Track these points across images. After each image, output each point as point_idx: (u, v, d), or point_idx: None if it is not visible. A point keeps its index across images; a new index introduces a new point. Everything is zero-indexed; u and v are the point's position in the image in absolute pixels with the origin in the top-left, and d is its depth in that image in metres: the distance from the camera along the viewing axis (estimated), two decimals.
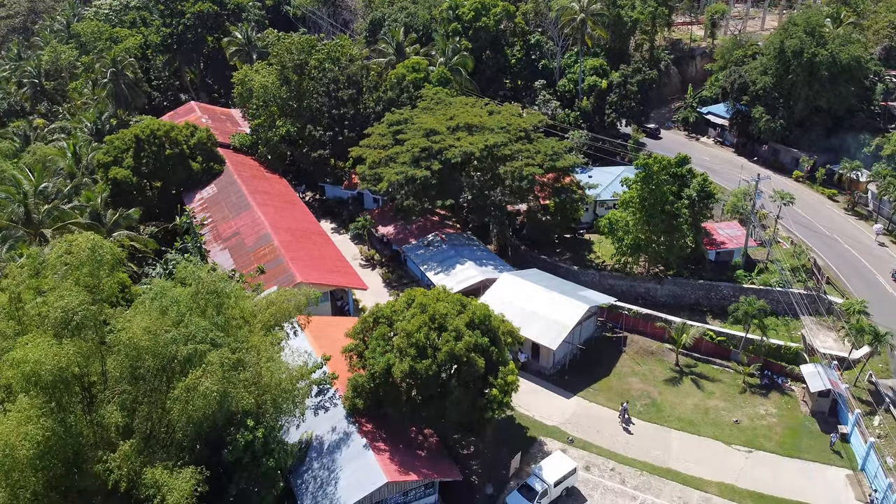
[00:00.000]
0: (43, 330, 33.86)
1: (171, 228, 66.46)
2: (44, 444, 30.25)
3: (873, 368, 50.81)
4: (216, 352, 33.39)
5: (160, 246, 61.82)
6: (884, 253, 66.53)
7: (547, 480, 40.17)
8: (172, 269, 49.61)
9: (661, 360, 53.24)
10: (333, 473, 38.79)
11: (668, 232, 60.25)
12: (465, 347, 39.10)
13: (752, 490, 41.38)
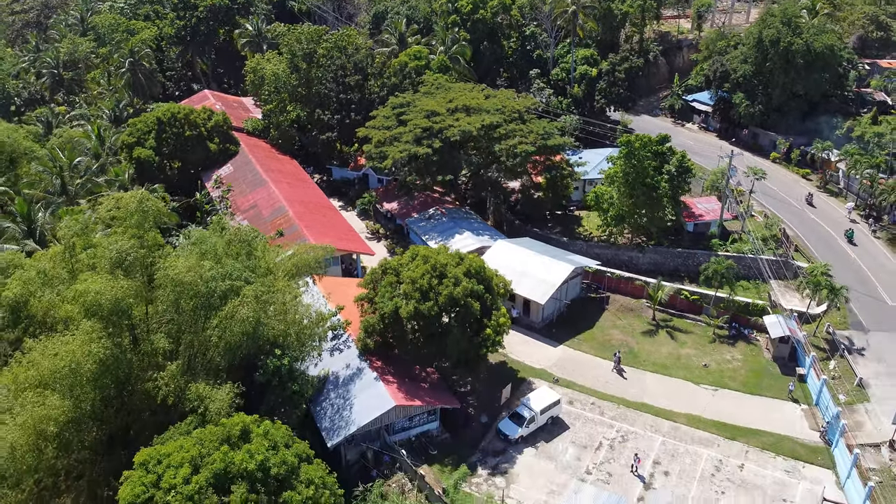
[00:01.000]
0: (97, 272, 39.44)
1: (192, 204, 72.04)
2: (103, 362, 35.83)
3: (832, 322, 56.42)
4: (250, 286, 39.01)
5: (181, 220, 67.36)
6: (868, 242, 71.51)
7: (534, 408, 45.82)
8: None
9: (639, 315, 58.90)
10: (348, 401, 44.42)
11: (648, 204, 65.80)
12: (463, 292, 44.73)
13: (716, 420, 47.04)
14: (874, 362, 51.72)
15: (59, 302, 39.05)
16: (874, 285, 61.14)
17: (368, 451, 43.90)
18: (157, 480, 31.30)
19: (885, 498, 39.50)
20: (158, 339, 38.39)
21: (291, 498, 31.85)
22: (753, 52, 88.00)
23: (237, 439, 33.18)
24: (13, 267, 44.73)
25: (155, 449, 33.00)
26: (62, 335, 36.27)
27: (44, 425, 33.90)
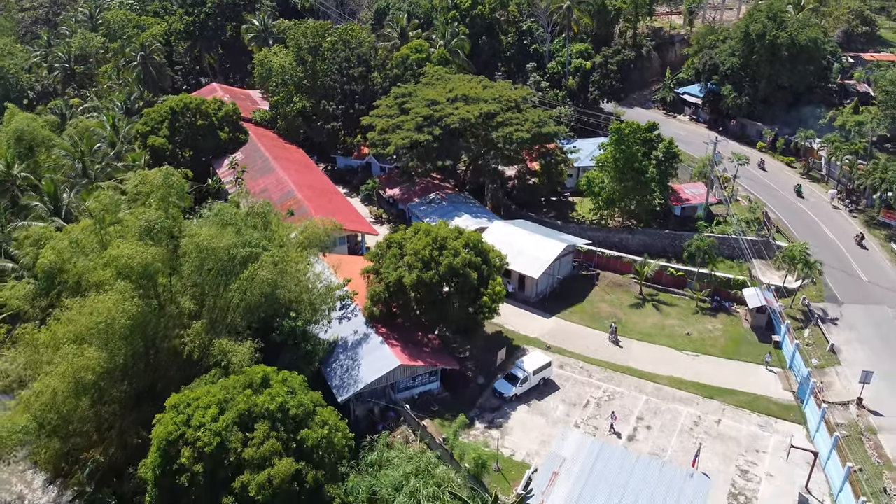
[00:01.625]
0: (126, 240, 43.12)
1: (205, 189, 75.70)
2: (135, 319, 39.52)
3: (809, 295, 60.14)
4: (267, 253, 42.72)
5: (193, 204, 71.07)
6: (836, 214, 75.32)
7: (527, 370, 49.54)
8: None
9: (627, 290, 62.62)
10: (356, 362, 48.10)
11: (637, 188, 69.53)
12: (462, 263, 48.45)
13: (696, 382, 50.75)
14: (846, 331, 55.44)
15: (93, 267, 42.69)
16: (850, 263, 64.82)
17: (375, 407, 47.60)
18: (187, 420, 34.96)
19: (849, 448, 43.15)
20: (184, 300, 42.10)
21: (308, 436, 35.57)
22: (741, 46, 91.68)
23: (258, 385, 36.85)
24: (45, 239, 48.61)
25: (184, 394, 36.71)
26: (97, 295, 39.94)
27: (82, 374, 37.56)
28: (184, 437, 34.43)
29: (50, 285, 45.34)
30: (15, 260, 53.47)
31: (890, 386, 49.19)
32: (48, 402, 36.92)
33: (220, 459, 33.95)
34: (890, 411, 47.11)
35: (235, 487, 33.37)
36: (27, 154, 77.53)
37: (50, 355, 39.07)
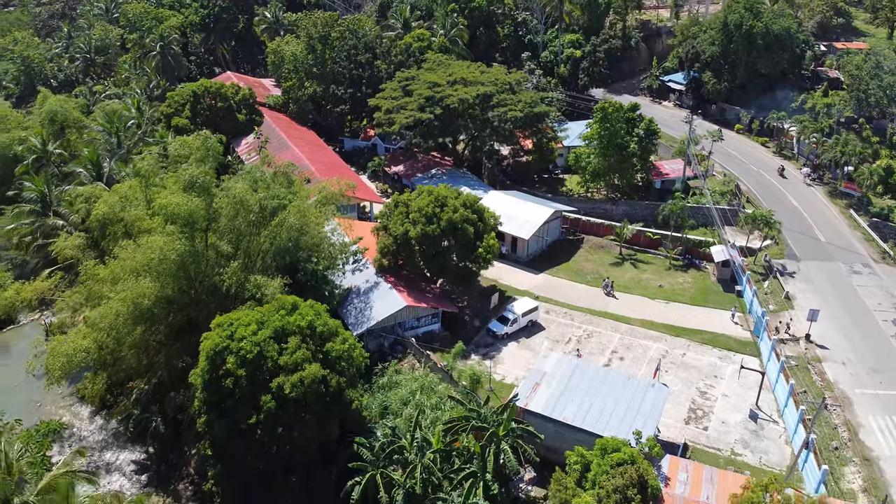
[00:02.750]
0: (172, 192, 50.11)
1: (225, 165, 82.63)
2: (182, 256, 46.50)
3: (771, 254, 67.12)
4: (293, 204, 49.73)
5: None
6: (803, 186, 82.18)
7: (516, 312, 56.54)
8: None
9: (608, 251, 69.65)
10: (368, 304, 55.10)
11: (620, 162, 76.52)
12: (460, 218, 55.44)
13: (665, 324, 57.71)
14: (802, 282, 62.42)
15: (142, 217, 49.67)
16: (811, 227, 71.81)
17: (385, 342, 54.56)
18: (231, 335, 41.91)
19: (794, 372, 50.05)
20: (222, 244, 49.07)
21: (332, 348, 42.58)
22: (720, 36, 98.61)
23: (289, 309, 43.81)
24: (94, 197, 55.69)
25: (227, 316, 43.69)
26: (149, 237, 46.93)
27: (139, 300, 44.58)
28: (228, 348, 41.36)
29: (102, 234, 52.32)
30: (65, 218, 60.49)
31: (836, 326, 56.16)
32: (111, 323, 43.91)
33: (259, 365, 40.92)
34: (834, 346, 54.06)
35: (273, 387, 40.34)
36: (59, 133, 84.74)
37: (109, 288, 46.01)
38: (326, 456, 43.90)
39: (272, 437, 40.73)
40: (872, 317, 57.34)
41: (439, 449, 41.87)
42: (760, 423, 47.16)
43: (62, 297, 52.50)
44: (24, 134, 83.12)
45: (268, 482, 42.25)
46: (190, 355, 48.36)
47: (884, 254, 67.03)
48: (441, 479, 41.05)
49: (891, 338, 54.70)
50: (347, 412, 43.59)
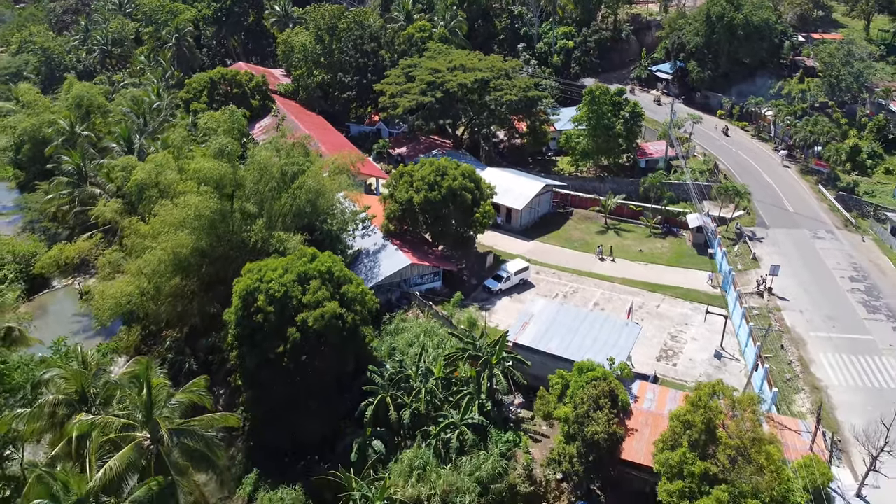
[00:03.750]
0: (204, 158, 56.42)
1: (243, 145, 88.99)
2: (214, 213, 52.77)
3: (742, 222, 73.45)
4: (311, 169, 56.06)
5: None
6: (776, 164, 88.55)
7: (510, 271, 62.90)
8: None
9: (595, 222, 76.07)
10: (376, 263, 61.43)
11: (607, 142, 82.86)
12: (459, 185, 61.79)
13: (643, 281, 64.06)
14: (769, 246, 68.73)
15: (177, 180, 55.99)
16: (781, 199, 78.16)
17: (392, 296, 60.86)
18: (260, 278, 48.15)
19: (754, 319, 56.34)
20: (248, 205, 55.38)
21: (348, 290, 48.85)
22: (703, 27, 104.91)
23: (310, 258, 50.11)
24: (130, 167, 61.99)
25: (256, 263, 49.98)
26: (185, 196, 53.24)
27: (179, 249, 50.92)
28: (258, 288, 47.61)
29: (139, 198, 58.65)
30: (101, 187, 66.85)
31: (797, 282, 62.42)
32: (153, 269, 50.24)
33: (285, 303, 47.17)
34: (794, 298, 60.31)
35: (297, 321, 46.59)
36: (85, 117, 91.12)
37: (150, 240, 52.34)
38: (342, 386, 50.10)
39: (297, 365, 47.02)
40: (831, 274, 63.70)
41: (440, 377, 48.27)
42: (724, 360, 53.48)
43: (103, 254, 58.69)
44: (52, 117, 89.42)
45: (292, 407, 48.51)
46: (220, 303, 54.61)
47: (846, 222, 73.39)
48: (442, 402, 47.43)
49: (846, 292, 61.06)
50: (361, 347, 49.87)
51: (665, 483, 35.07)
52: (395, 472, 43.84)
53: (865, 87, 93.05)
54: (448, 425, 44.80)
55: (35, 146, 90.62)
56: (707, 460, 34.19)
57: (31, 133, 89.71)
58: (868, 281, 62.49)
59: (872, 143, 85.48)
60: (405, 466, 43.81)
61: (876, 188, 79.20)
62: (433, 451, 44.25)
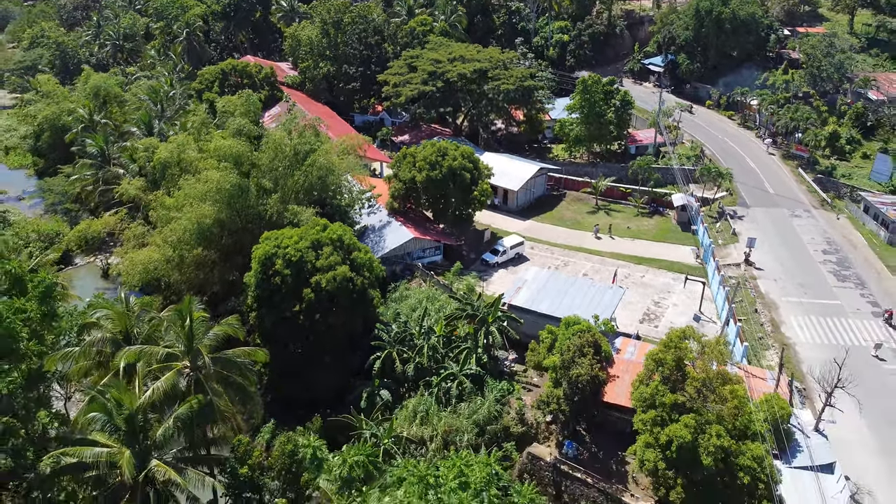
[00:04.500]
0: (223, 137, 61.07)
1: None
2: (234, 187, 57.38)
3: (725, 202, 78.14)
4: (322, 148, 60.73)
5: None
6: (759, 150, 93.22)
7: (506, 245, 67.59)
8: None
9: (586, 203, 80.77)
10: (382, 237, 66.08)
11: (599, 129, 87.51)
12: (459, 165, 66.42)
13: (631, 255, 68.73)
14: (749, 223, 73.39)
15: (198, 158, 60.62)
16: (763, 182, 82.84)
17: (397, 268, 65.47)
18: (277, 245, 52.79)
19: (730, 285, 60.96)
20: (264, 181, 60.02)
21: (357, 256, 53.51)
22: (693, 21, 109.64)
23: (322, 227, 54.73)
24: (153, 148, 66.62)
25: (273, 232, 54.61)
26: (207, 172, 57.86)
27: (202, 219, 55.54)
28: (276, 254, 52.25)
29: (162, 175, 63.30)
30: (124, 167, 71.53)
31: (773, 255, 67.02)
32: (179, 237, 54.84)
33: (301, 266, 51.78)
34: (769, 269, 64.88)
35: (312, 283, 51.20)
36: (102, 106, 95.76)
37: (175, 212, 56.98)
38: (353, 344, 54.65)
39: (311, 323, 51.62)
40: (805, 248, 68.38)
41: (441, 335, 52.97)
42: (702, 322, 58.08)
43: (128, 228, 63.32)
44: (71, 106, 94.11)
45: (307, 362, 53.11)
46: (238, 272, 59.16)
47: (823, 202, 78.07)
48: (443, 356, 52.08)
49: (818, 263, 65.72)
50: (369, 309, 54.46)
51: (640, 414, 39.75)
52: (401, 416, 48.52)
53: (847, 78, 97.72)
54: (448, 376, 49.47)
55: (54, 134, 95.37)
56: (676, 393, 38.84)
57: (52, 121, 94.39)
58: (840, 254, 67.16)
59: (851, 130, 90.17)
60: (410, 411, 48.51)
61: (853, 171, 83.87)
62: (434, 398, 48.90)
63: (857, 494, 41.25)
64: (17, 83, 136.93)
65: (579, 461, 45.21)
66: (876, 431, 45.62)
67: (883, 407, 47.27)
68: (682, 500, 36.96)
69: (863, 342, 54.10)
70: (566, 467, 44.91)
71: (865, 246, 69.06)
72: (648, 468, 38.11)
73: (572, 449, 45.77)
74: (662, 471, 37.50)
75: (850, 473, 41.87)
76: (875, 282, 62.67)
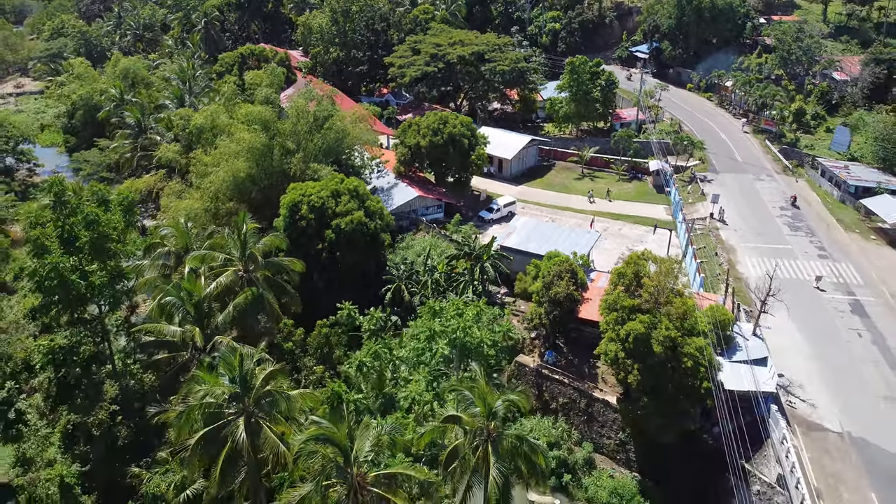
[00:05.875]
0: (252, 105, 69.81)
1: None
2: (262, 146, 66.13)
3: (697, 169, 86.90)
4: (338, 114, 69.50)
5: None
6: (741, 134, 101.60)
7: (500, 204, 76.41)
8: None
9: (573, 171, 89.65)
10: (390, 196, 74.85)
11: (586, 106, 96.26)
12: (458, 132, 75.23)
13: (612, 212, 77.53)
14: (717, 186, 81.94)
15: (231, 123, 69.33)
16: (733, 152, 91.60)
17: (403, 223, 74.23)
18: (302, 194, 61.53)
19: (698, 236, 69.71)
20: (288, 143, 68.75)
21: (371, 204, 62.30)
22: (675, 10, 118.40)
23: (340, 180, 63.50)
24: (188, 116, 75.37)
25: (298, 184, 63.37)
26: (239, 133, 66.58)
27: (236, 172, 64.23)
28: (302, 201, 61.04)
29: (197, 139, 72.02)
30: (160, 135, 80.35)
31: (737, 211, 75.44)
32: (217, 188, 63.55)
33: (322, 212, 60.55)
34: (732, 222, 73.27)
35: (332, 225, 60.00)
36: (131, 87, 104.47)
37: (212, 168, 65.72)
38: (366, 282, 63.47)
39: (332, 260, 60.40)
40: (765, 206, 77.09)
41: (443, 272, 61.72)
42: None
43: (168, 185, 72.12)
44: (104, 86, 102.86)
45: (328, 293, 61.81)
46: (267, 222, 67.87)
47: (785, 168, 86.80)
48: (444, 290, 60.85)
49: (775, 217, 74.39)
50: (380, 251, 63.31)
51: (604, 316, 48.48)
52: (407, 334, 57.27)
53: (815, 60, 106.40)
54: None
55: (87, 112, 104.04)
56: (634, 299, 47.57)
57: (86, 100, 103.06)
58: (795, 210, 75.90)
59: (816, 107, 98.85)
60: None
61: (816, 143, 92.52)
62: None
63: (790, 387, 49.98)
64: (43, 70, 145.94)
65: (558, 367, 54.02)
66: (811, 342, 54.23)
67: (817, 324, 56.07)
68: (638, 382, 45.66)
69: (807, 277, 62.81)
70: (547, 371, 53.78)
71: (819, 203, 77.79)
72: (610, 357, 46.84)
73: (552, 357, 54.58)
74: (622, 359, 46.20)
75: (785, 372, 50.64)
76: (824, 231, 71.41)
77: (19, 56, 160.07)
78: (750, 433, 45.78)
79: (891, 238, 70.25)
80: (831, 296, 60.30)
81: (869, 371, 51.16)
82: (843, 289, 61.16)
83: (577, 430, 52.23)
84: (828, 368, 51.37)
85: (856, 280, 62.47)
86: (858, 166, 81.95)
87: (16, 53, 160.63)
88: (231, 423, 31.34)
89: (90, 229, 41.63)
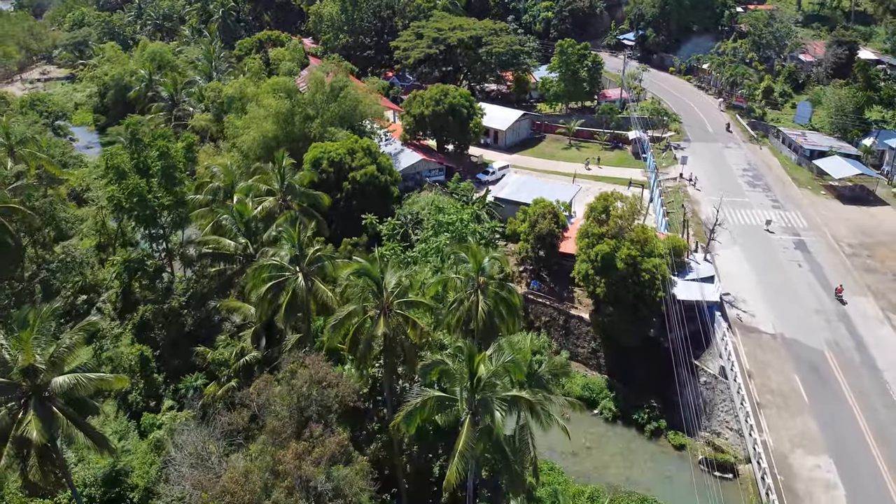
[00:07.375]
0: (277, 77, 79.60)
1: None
2: (287, 111, 75.84)
3: (673, 139, 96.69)
4: (352, 85, 79.27)
5: None
6: (715, 110, 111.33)
7: (494, 167, 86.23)
8: None
9: (561, 142, 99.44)
10: (397, 160, 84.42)
11: (574, 85, 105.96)
12: (458, 102, 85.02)
13: (594, 175, 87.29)
14: (689, 153, 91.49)
15: (258, 93, 79.05)
16: (705, 124, 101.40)
17: (409, 183, 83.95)
18: (322, 151, 71.26)
19: (668, 193, 79.35)
20: (308, 110, 78.49)
21: (382, 160, 72.05)
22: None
23: (355, 140, 73.25)
24: (218, 89, 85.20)
25: (318, 143, 73.10)
26: (266, 100, 76.31)
27: (265, 132, 73.95)
28: (322, 157, 70.75)
29: (228, 108, 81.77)
30: (192, 106, 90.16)
31: (704, 174, 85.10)
32: (248, 146, 73.28)
33: (340, 166, 70.26)
34: (699, 182, 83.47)
35: (349, 178, 69.72)
36: (158, 70, 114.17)
37: (243, 130, 75.45)
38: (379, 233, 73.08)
39: (349, 208, 70.10)
40: (730, 168, 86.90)
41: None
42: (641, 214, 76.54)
43: (201, 148, 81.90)
44: (133, 68, 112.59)
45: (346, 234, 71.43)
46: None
47: (751, 138, 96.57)
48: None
49: (738, 177, 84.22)
50: (390, 202, 73.04)
51: (578, 242, 58.23)
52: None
53: (784, 44, 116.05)
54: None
55: (118, 92, 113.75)
56: (602, 227, 57.33)
57: (117, 80, 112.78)
58: (756, 171, 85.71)
59: (784, 85, 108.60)
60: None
61: (781, 117, 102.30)
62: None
63: (735, 301, 59.71)
64: (68, 57, 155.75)
65: (541, 293, 63.83)
66: (757, 270, 64.04)
67: (764, 257, 66.00)
68: (605, 293, 55.43)
69: (760, 223, 72.56)
70: (532, 296, 63.60)
71: (779, 166, 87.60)
72: (582, 275, 56.62)
73: (537, 286, 64.40)
74: (592, 276, 55.97)
75: (732, 291, 60.44)
76: (780, 188, 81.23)
77: (43, 45, 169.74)
78: (697, 338, 55.73)
79: (838, 193, 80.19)
80: (779, 237, 70.14)
81: (804, 291, 61.00)
82: (790, 231, 71.07)
83: (556, 342, 62.08)
84: (770, 289, 61.24)
85: (802, 224, 72.38)
86: (815, 134, 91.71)
87: (40, 42, 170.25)
88: (292, 278, 41.47)
89: (162, 159, 51.28)
